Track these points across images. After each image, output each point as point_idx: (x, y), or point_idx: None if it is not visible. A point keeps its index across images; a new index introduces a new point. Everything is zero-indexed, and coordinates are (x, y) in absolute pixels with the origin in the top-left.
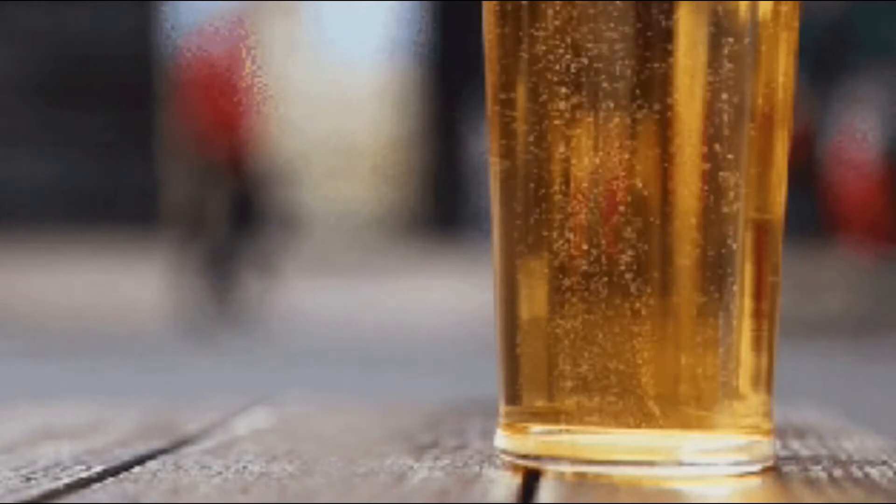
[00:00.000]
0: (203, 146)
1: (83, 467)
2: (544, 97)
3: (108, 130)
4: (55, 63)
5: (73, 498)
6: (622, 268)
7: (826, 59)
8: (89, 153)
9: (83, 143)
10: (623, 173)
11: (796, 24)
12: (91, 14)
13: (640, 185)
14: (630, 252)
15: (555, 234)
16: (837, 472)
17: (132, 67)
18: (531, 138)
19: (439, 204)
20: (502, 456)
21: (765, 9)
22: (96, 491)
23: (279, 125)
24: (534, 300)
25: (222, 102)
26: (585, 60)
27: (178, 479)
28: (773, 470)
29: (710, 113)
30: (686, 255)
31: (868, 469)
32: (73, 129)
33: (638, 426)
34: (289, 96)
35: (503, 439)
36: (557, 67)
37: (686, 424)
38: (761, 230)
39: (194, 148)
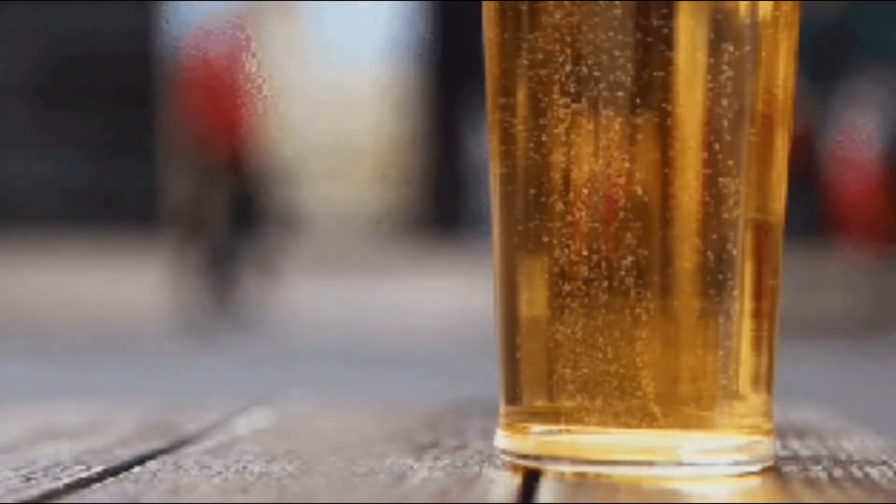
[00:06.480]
0: (203, 146)
1: (83, 467)
2: (544, 98)
3: (108, 130)
4: (55, 63)
5: (73, 498)
6: (622, 268)
7: (826, 59)
8: (89, 153)
9: (83, 143)
10: (623, 175)
11: (796, 24)
12: (91, 14)
13: (640, 186)
14: (630, 253)
15: (555, 235)
16: (837, 472)
17: (132, 67)
18: (531, 139)
19: (439, 204)
20: (502, 456)
21: (765, 9)
22: (96, 491)
23: (279, 125)
24: (534, 300)
25: (222, 102)
26: (585, 61)
27: (178, 479)
28: (773, 470)
29: (710, 114)
30: (686, 256)
31: (868, 469)
32: (73, 129)
33: (638, 426)
34: (289, 96)
35: (503, 439)
36: (557, 68)
37: (686, 424)
38: (761, 231)
39: (194, 148)
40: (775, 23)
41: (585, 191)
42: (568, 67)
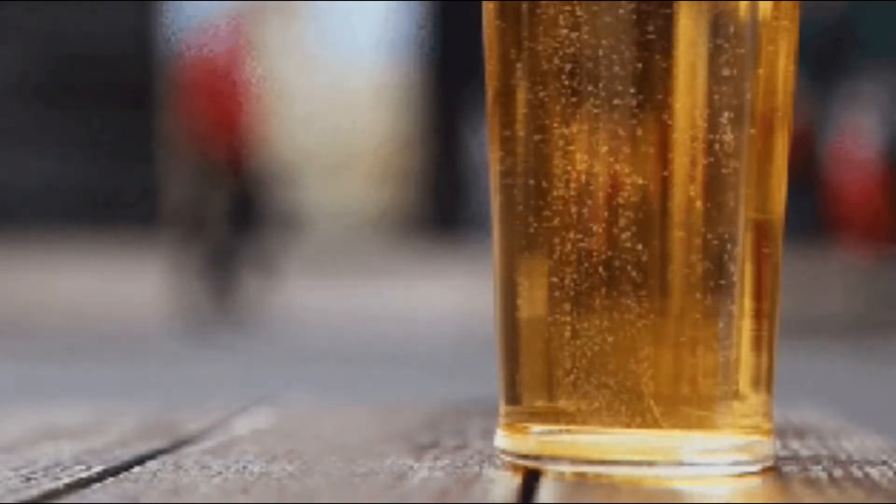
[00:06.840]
0: (203, 146)
1: (83, 467)
2: (544, 97)
3: (109, 130)
4: (55, 63)
5: (73, 498)
6: (622, 267)
7: (826, 59)
8: (89, 153)
9: (83, 143)
10: (623, 174)
11: (796, 23)
12: (91, 14)
13: (639, 184)
14: (630, 252)
15: (555, 234)
16: (837, 472)
17: (132, 67)
18: (531, 137)
19: (439, 204)
20: (502, 456)
21: (765, 8)
22: (96, 491)
23: (279, 125)
24: (533, 300)
25: (222, 102)
26: (585, 60)
27: (178, 479)
28: (773, 470)
29: (710, 112)
30: (686, 256)
31: (868, 469)
32: (73, 129)
33: (638, 426)
34: (289, 96)
35: (503, 439)
36: (557, 66)
37: (686, 424)
38: (761, 230)
39: (194, 148)
40: (775, 23)
41: (585, 189)
42: (568, 66)
